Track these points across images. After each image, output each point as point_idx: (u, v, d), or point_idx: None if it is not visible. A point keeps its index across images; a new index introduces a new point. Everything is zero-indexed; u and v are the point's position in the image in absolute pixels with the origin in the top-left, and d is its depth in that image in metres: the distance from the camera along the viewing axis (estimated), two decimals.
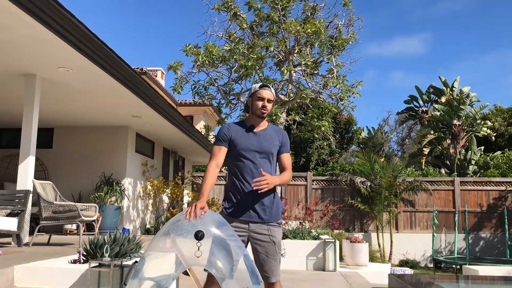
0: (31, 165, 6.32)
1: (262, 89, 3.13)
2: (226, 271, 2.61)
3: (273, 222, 3.06)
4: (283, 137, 3.20)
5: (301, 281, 6.53)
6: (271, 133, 3.17)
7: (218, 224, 2.70)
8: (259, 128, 3.15)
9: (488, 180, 15.60)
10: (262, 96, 3.10)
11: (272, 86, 8.79)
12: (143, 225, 10.93)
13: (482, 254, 14.66)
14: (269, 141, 3.12)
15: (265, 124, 3.20)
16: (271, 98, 3.13)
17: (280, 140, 3.17)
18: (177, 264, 2.70)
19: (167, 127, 9.94)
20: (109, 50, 6.09)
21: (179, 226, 2.71)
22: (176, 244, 2.68)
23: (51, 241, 6.49)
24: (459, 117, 20.17)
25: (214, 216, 2.76)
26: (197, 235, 2.57)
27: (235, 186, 3.06)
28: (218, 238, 2.63)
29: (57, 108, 8.40)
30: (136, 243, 4.63)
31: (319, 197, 15.34)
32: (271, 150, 3.11)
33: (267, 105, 3.10)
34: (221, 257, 2.64)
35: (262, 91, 3.12)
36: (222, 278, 2.62)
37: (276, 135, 3.17)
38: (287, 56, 8.62)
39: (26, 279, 3.83)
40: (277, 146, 3.15)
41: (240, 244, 2.69)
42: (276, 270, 3.07)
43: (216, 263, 2.64)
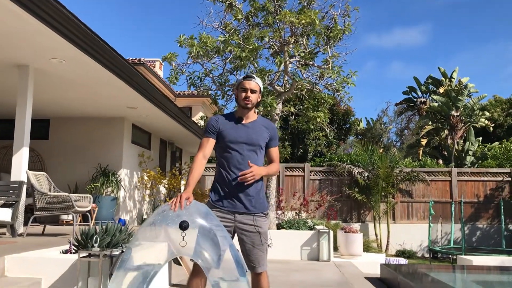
0: (25, 156, 6.34)
1: (246, 80, 3.13)
2: (212, 261, 2.64)
3: (259, 212, 3.09)
4: (272, 130, 3.22)
5: (294, 271, 6.58)
6: (260, 126, 3.18)
7: (204, 214, 2.72)
8: (248, 119, 3.16)
9: (485, 170, 15.63)
10: (244, 86, 3.11)
11: (267, 77, 8.86)
12: (139, 216, 10.98)
13: (479, 244, 14.74)
14: (258, 133, 3.14)
15: (254, 116, 3.20)
16: (255, 88, 3.12)
17: (269, 134, 3.18)
18: (163, 253, 2.73)
19: (163, 118, 9.94)
20: (101, 41, 6.09)
21: (164, 216, 2.74)
22: (162, 234, 2.71)
23: (46, 232, 6.53)
24: (457, 108, 20.16)
25: (199, 207, 2.78)
26: (181, 225, 2.60)
27: (222, 177, 3.09)
28: (204, 229, 2.66)
29: (52, 99, 8.40)
30: (129, 233, 4.66)
31: (317, 188, 15.39)
32: (259, 143, 3.12)
33: (250, 96, 3.10)
34: (207, 247, 2.66)
35: (245, 82, 3.12)
36: (208, 268, 2.65)
37: (265, 128, 3.18)
38: (282, 47, 8.59)
39: (17, 269, 3.86)
40: (265, 139, 3.17)
41: (226, 235, 2.72)
42: (262, 260, 3.10)
43: (202, 253, 2.67)
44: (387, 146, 25.57)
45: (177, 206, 2.71)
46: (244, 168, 3.02)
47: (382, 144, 25.93)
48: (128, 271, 2.68)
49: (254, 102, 3.14)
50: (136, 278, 2.71)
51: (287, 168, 15.67)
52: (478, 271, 6.82)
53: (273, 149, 3.23)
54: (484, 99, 21.09)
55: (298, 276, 6.21)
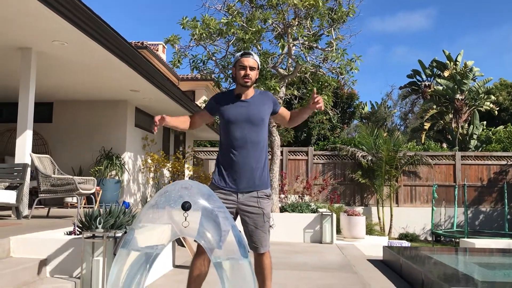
0: (28, 139, 6.36)
1: (244, 57, 3.08)
2: (214, 242, 2.66)
3: (262, 189, 3.08)
4: (271, 98, 3.21)
5: (297, 253, 6.63)
6: (260, 98, 3.15)
7: (206, 196, 2.73)
8: (247, 96, 3.13)
9: (489, 154, 15.59)
10: (243, 64, 3.05)
11: (271, 60, 8.80)
12: (144, 199, 11.04)
13: (482, 227, 14.78)
14: (259, 107, 3.11)
15: (252, 92, 3.17)
16: (254, 65, 3.08)
17: (270, 103, 3.16)
18: (165, 234, 2.75)
19: (166, 101, 9.92)
20: (104, 23, 6.04)
21: (167, 197, 2.75)
22: (164, 215, 2.73)
23: (51, 214, 6.58)
24: (462, 92, 20.02)
25: (201, 188, 2.79)
26: (184, 206, 2.62)
27: (225, 157, 3.09)
28: (206, 210, 2.67)
29: (56, 82, 8.39)
30: (132, 215, 4.69)
31: (320, 172, 15.41)
32: (261, 116, 3.09)
33: (250, 73, 3.05)
34: (210, 228, 2.68)
35: (243, 59, 3.07)
36: (210, 248, 2.67)
37: (265, 99, 3.16)
38: (286, 29, 8.52)
39: (22, 250, 3.90)
40: (267, 110, 3.14)
41: (228, 216, 2.73)
42: (265, 241, 3.12)
43: (204, 234, 2.68)
44: (391, 130, 25.50)
45: (156, 128, 3.01)
46: (247, 147, 3.02)
47: (386, 128, 25.86)
48: (131, 251, 2.70)
49: (254, 79, 3.10)
50: (139, 258, 2.74)
51: (290, 152, 15.67)
52: (481, 254, 6.85)
53: (280, 110, 3.24)
54: (490, 82, 20.90)
55: (301, 258, 6.25)
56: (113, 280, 2.68)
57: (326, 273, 5.14)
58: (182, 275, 4.70)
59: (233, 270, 2.67)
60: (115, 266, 2.69)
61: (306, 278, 4.75)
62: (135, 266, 2.70)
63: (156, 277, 4.60)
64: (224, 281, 2.65)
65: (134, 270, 2.69)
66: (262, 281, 3.14)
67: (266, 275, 3.14)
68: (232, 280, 2.66)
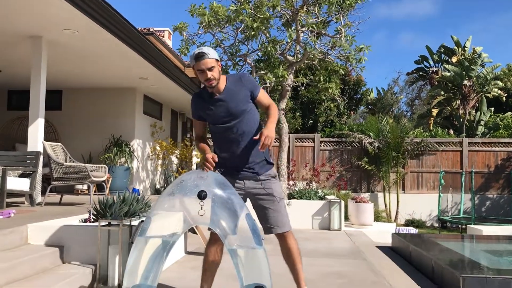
0: (40, 127, 6.42)
1: (198, 61, 2.87)
2: (229, 229, 2.70)
3: (264, 173, 3.08)
4: (247, 81, 3.05)
5: (307, 240, 6.70)
6: (233, 89, 3.01)
7: (221, 184, 2.77)
8: (220, 91, 3.00)
9: (496, 141, 15.53)
10: (200, 68, 2.89)
11: (279, 47, 8.76)
12: (152, 186, 11.14)
13: (488, 214, 14.79)
14: (236, 99, 2.99)
15: (223, 83, 3.01)
16: (211, 64, 2.87)
17: (246, 88, 3.03)
18: (181, 222, 2.80)
19: (174, 88, 9.95)
20: (114, 11, 6.05)
21: (183, 186, 2.80)
22: (180, 204, 2.78)
23: (63, 201, 6.67)
24: (470, 78, 19.88)
25: (216, 177, 2.83)
26: (200, 195, 2.66)
27: (221, 152, 3.07)
28: (221, 198, 2.72)
29: (65, 70, 8.43)
30: (145, 203, 4.75)
31: (327, 158, 15.43)
32: (241, 108, 3.00)
33: (209, 74, 2.88)
34: (224, 216, 2.73)
35: (198, 64, 2.87)
36: (225, 235, 2.72)
37: (239, 87, 3.02)
38: (294, 16, 8.48)
39: (39, 237, 3.98)
40: (245, 98, 3.02)
41: (242, 203, 2.77)
42: (280, 221, 3.09)
43: (219, 222, 2.73)
44: (397, 116, 25.41)
45: (209, 166, 2.82)
46: (239, 140, 2.99)
47: (393, 114, 25.76)
48: (149, 240, 2.76)
49: (218, 76, 2.92)
50: (156, 246, 2.79)
51: (297, 138, 15.68)
52: (489, 241, 6.90)
53: (259, 96, 3.07)
54: (497, 68, 20.72)
55: (311, 244, 6.32)
56: (131, 268, 2.74)
57: (336, 260, 5.21)
58: (194, 261, 4.79)
59: (248, 258, 2.72)
60: (132, 254, 2.75)
61: (317, 265, 4.82)
62: (153, 254, 2.76)
63: (169, 264, 4.68)
64: (239, 269, 2.71)
65: (151, 258, 2.75)
66: (292, 266, 3.14)
67: (294, 258, 3.12)
68: (247, 268, 2.71)
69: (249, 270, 2.71)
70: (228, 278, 3.61)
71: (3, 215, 4.54)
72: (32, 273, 3.47)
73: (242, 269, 2.69)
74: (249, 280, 2.67)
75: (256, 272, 2.70)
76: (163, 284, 3.85)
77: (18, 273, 3.32)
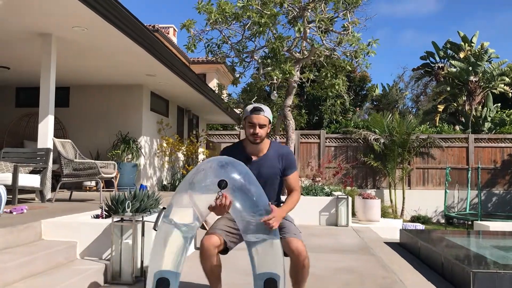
0: (50, 123, 6.47)
1: (254, 113, 2.93)
2: (249, 219, 2.68)
3: None
4: (285, 160, 3.04)
5: (314, 236, 6.73)
6: (271, 158, 3.02)
7: (243, 174, 2.71)
8: (260, 153, 3.02)
9: (503, 136, 15.50)
10: (252, 122, 2.92)
11: (285, 44, 8.77)
12: (159, 182, 11.19)
13: (495, 210, 14.79)
14: (269, 167, 3.00)
15: (266, 147, 3.04)
16: (264, 122, 2.93)
17: (282, 164, 3.03)
18: (201, 211, 2.76)
19: (181, 85, 9.98)
20: (123, 8, 6.08)
21: (203, 175, 2.74)
22: (199, 193, 2.73)
23: (73, 197, 6.73)
24: (476, 73, 19.81)
25: (237, 166, 2.74)
26: (220, 184, 2.64)
27: None
28: (242, 188, 2.69)
29: (73, 67, 8.47)
30: (155, 199, 4.80)
31: (332, 155, 15.45)
32: (270, 176, 3.00)
33: (259, 131, 2.92)
34: (245, 206, 2.69)
35: (252, 117, 2.92)
36: (245, 225, 2.68)
37: (277, 160, 3.02)
38: (301, 12, 8.48)
39: (53, 233, 4.02)
40: (278, 171, 3.02)
41: (264, 195, 2.72)
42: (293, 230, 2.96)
43: (239, 212, 2.70)
44: (402, 112, 25.36)
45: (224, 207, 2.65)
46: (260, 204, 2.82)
47: (398, 110, 25.71)
48: (170, 227, 2.73)
49: (264, 136, 2.96)
50: (179, 233, 2.75)
51: (302, 135, 15.70)
52: (497, 237, 6.90)
53: (290, 177, 3.04)
54: (504, 64, 20.63)
55: (319, 240, 6.35)
56: (155, 254, 2.73)
57: (345, 255, 5.24)
58: None
59: (264, 248, 2.70)
60: (156, 241, 2.74)
61: (326, 261, 4.85)
62: (175, 241, 2.75)
63: None
64: (254, 257, 2.69)
65: (174, 244, 2.73)
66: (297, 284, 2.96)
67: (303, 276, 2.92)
68: (262, 257, 2.69)
69: (263, 259, 2.69)
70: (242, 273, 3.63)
71: (16, 211, 4.60)
72: (47, 268, 3.52)
73: (256, 257, 2.69)
74: (262, 269, 2.67)
75: (270, 262, 2.69)
76: None
77: (33, 268, 3.36)
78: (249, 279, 2.90)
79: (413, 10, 58.10)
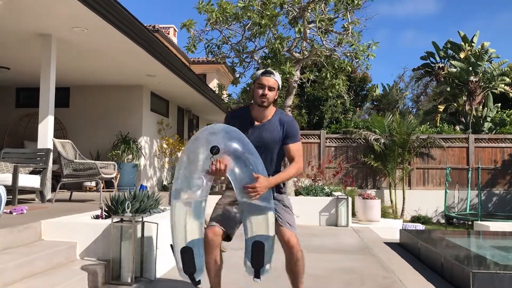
0: (50, 124, 6.48)
1: (264, 75, 2.96)
2: (243, 182, 2.71)
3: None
4: (287, 127, 3.00)
5: (314, 236, 6.73)
6: (274, 124, 3.00)
7: (236, 139, 2.75)
8: (263, 120, 3.01)
9: (503, 137, 15.47)
10: (262, 83, 2.94)
11: (286, 44, 8.79)
12: (160, 182, 11.19)
13: (495, 210, 14.76)
14: (270, 132, 2.98)
15: (271, 114, 3.03)
16: (274, 85, 2.95)
17: (283, 131, 2.98)
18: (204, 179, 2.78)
19: (181, 86, 9.99)
20: (123, 9, 6.09)
21: (196, 143, 2.79)
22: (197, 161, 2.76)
23: (73, 198, 6.74)
24: (476, 74, 19.80)
25: (230, 131, 2.81)
26: (212, 150, 2.67)
27: None
28: (236, 152, 2.72)
29: (73, 67, 8.48)
30: (155, 199, 4.81)
31: (332, 155, 15.44)
32: (270, 143, 2.97)
33: (268, 93, 2.93)
34: (240, 169, 2.73)
35: (263, 78, 2.95)
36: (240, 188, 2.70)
37: (279, 126, 2.99)
38: (301, 12, 8.49)
39: (52, 233, 4.03)
40: (278, 138, 2.98)
41: (259, 160, 2.76)
42: (287, 219, 3.00)
43: (235, 174, 2.74)
44: (403, 113, 25.35)
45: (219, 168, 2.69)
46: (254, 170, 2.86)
47: (398, 111, 25.70)
48: (184, 200, 2.78)
49: (271, 100, 2.97)
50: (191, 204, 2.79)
51: (302, 135, 15.68)
52: (497, 237, 6.90)
53: (290, 146, 2.98)
54: (504, 64, 20.61)
55: (319, 240, 6.35)
56: (175, 231, 2.78)
57: (345, 256, 5.24)
58: None
59: (257, 216, 2.75)
60: (173, 217, 2.79)
61: (326, 261, 4.85)
62: (191, 212, 2.79)
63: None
64: (247, 224, 2.76)
65: (189, 218, 2.78)
66: (294, 280, 3.02)
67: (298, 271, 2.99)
68: (254, 223, 2.75)
69: (255, 225, 2.75)
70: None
71: (16, 212, 4.60)
72: (47, 268, 3.52)
73: (248, 223, 2.75)
74: (252, 234, 2.74)
75: (260, 227, 2.75)
76: (174, 280, 3.89)
77: (33, 269, 3.37)
78: (249, 279, 2.90)
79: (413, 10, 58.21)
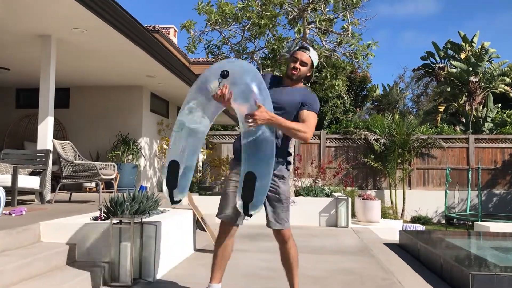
0: (50, 125, 6.47)
1: (300, 50, 3.09)
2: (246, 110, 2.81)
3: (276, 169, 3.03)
4: (306, 96, 3.08)
5: (314, 236, 6.73)
6: (295, 92, 3.09)
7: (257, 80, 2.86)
8: (291, 84, 3.12)
9: (503, 137, 15.47)
10: (296, 56, 3.07)
11: (285, 45, 8.79)
12: (159, 183, 11.19)
13: (495, 211, 14.76)
14: (289, 95, 3.05)
15: (298, 85, 3.15)
16: (307, 61, 3.06)
17: (301, 98, 3.05)
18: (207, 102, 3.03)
19: (181, 86, 9.98)
20: (123, 10, 6.08)
21: (210, 69, 2.99)
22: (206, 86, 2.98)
23: (72, 199, 6.73)
24: (476, 74, 19.79)
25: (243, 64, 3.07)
26: (222, 73, 2.81)
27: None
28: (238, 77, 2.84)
29: (72, 68, 8.47)
30: (154, 200, 4.80)
31: (333, 155, 15.44)
32: (288, 106, 3.02)
33: (299, 68, 3.04)
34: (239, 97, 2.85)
35: (298, 52, 3.09)
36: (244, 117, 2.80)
37: (300, 94, 3.07)
38: (301, 13, 8.49)
39: (51, 235, 4.02)
40: (296, 104, 3.03)
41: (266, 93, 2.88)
42: (280, 219, 3.07)
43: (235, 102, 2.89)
44: (403, 113, 25.33)
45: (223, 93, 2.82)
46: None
47: (398, 111, 25.69)
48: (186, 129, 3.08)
49: (302, 75, 3.08)
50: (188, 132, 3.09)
51: None
52: (497, 238, 6.89)
53: (304, 111, 3.01)
54: (504, 64, 20.61)
55: (318, 241, 6.35)
56: (170, 151, 3.07)
57: (345, 257, 5.23)
58: (204, 259, 4.83)
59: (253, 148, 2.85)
60: (173, 138, 3.10)
61: (326, 262, 4.85)
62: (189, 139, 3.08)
63: (178, 261, 4.72)
64: (244, 157, 2.86)
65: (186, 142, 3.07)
66: (288, 271, 3.16)
67: (291, 263, 3.14)
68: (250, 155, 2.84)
69: (251, 157, 2.83)
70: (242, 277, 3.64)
71: (15, 213, 4.60)
72: (46, 270, 3.52)
73: (245, 156, 2.84)
74: (247, 166, 2.82)
75: (255, 160, 2.82)
76: (173, 281, 3.89)
77: (32, 270, 3.36)
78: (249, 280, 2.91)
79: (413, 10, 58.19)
